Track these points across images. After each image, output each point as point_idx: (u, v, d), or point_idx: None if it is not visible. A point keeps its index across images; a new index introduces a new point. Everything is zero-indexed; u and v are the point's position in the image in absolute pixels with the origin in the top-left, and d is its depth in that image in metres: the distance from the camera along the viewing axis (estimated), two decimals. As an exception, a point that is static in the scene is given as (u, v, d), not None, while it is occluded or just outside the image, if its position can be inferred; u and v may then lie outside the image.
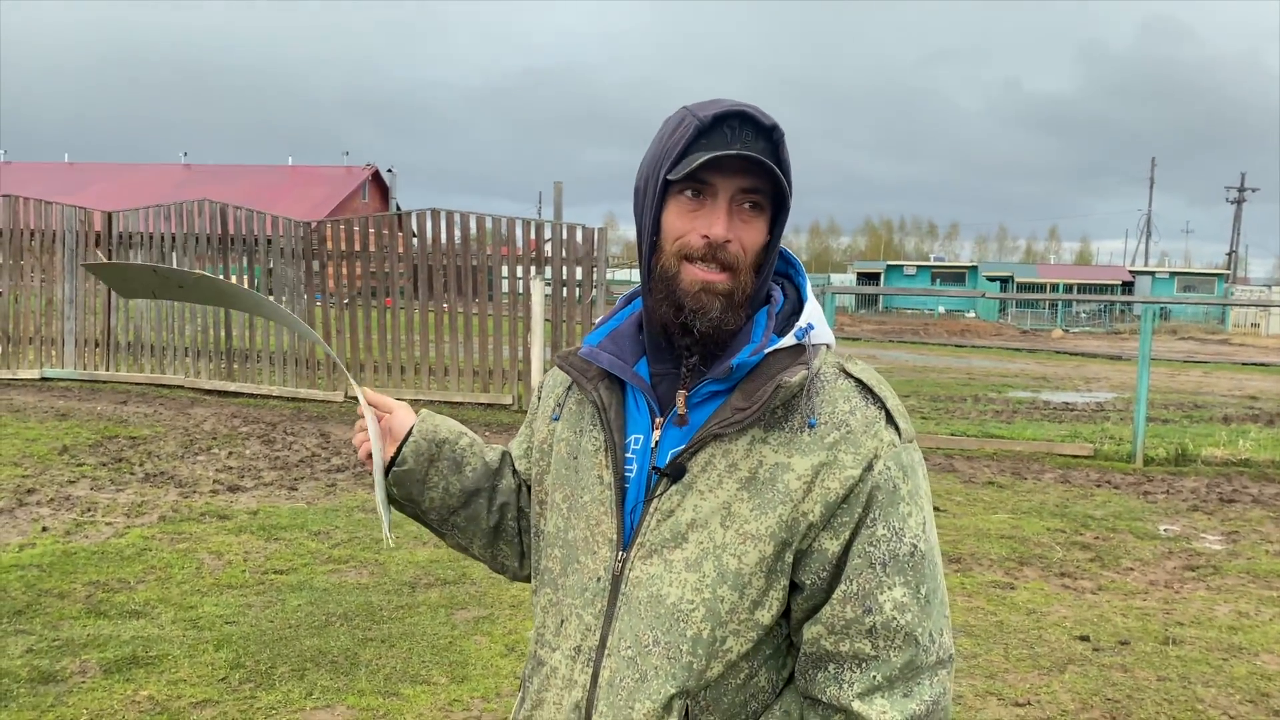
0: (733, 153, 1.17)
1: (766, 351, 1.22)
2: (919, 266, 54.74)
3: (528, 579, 1.49)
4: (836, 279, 56.07)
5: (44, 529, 5.98)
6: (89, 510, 6.45)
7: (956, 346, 28.44)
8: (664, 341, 1.27)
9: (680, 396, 1.24)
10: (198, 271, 1.44)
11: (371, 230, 11.85)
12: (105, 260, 1.42)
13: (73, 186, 39.55)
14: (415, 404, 11.22)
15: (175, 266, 1.43)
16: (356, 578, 5.30)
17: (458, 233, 11.46)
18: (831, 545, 1.18)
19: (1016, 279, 50.39)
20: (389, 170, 46.09)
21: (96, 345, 12.39)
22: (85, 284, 12.43)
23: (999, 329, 37.50)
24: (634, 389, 1.30)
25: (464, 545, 1.53)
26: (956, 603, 5.16)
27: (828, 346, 1.29)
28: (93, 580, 5.04)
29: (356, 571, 5.42)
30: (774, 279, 1.35)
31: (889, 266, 54.70)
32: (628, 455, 1.28)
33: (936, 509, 7.30)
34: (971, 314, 44.75)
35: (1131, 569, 5.90)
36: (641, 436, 1.28)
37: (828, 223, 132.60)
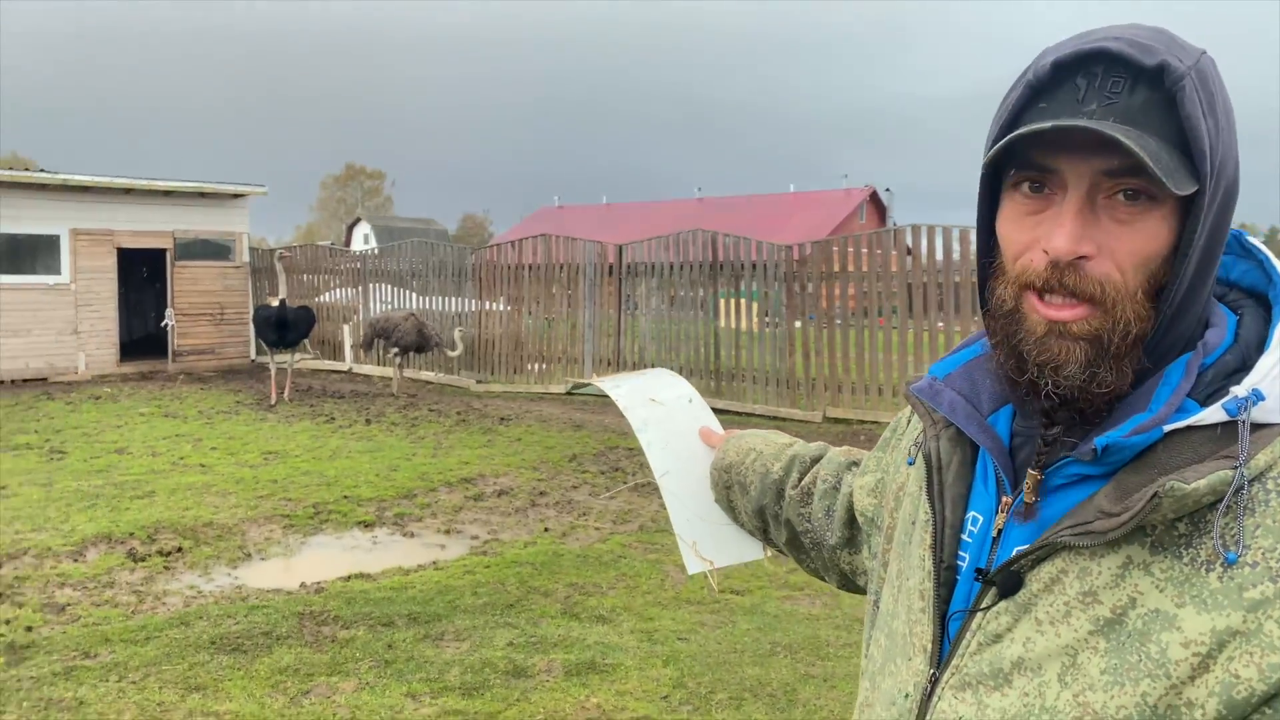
0: (1046, 125, 0.77)
1: (1167, 429, 0.79)
2: None
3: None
4: None
5: (546, 529, 6.70)
6: (584, 515, 7.11)
7: None
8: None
9: (1031, 479, 0.85)
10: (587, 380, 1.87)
11: (865, 250, 11.79)
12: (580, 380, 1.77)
13: (608, 225, 45.15)
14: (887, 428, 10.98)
15: (594, 378, 1.70)
16: (809, 607, 5.16)
17: (939, 247, 10.96)
18: None
19: None
20: (886, 190, 46.11)
21: (608, 364, 13.86)
22: (601, 309, 13.97)
23: None
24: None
25: (798, 563, 1.42)
26: None
27: None
28: (572, 582, 5.49)
29: (810, 601, 5.28)
30: (1233, 299, 0.89)
31: None
32: (964, 538, 0.92)
33: None
34: None
35: None
36: (982, 518, 0.91)
37: None
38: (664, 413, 1.54)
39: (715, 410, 1.61)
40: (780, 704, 3.97)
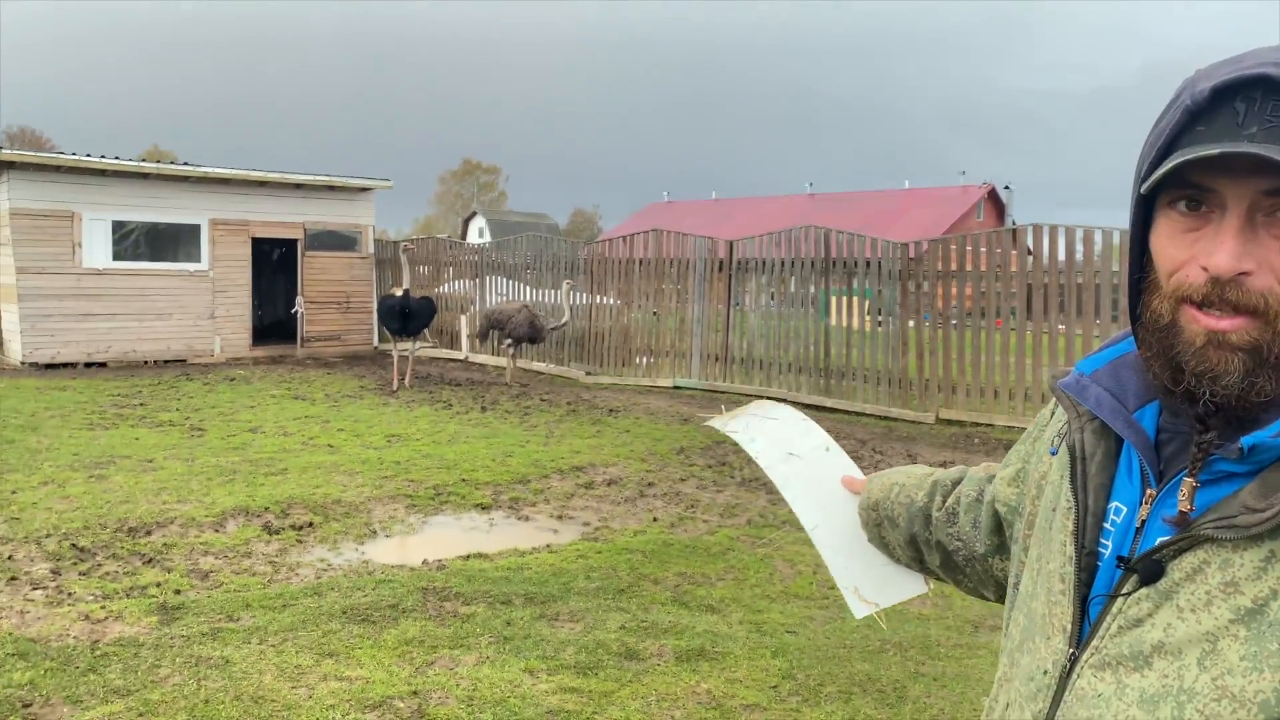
0: (1215, 151, 0.80)
1: None
2: None
3: None
4: None
5: (655, 519, 6.82)
6: (691, 507, 7.20)
7: None
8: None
9: (1186, 487, 0.89)
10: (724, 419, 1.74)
11: (983, 249, 11.57)
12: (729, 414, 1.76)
13: (717, 220, 45.10)
14: (1008, 430, 10.76)
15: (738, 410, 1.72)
16: (919, 607, 5.14)
17: (1061, 247, 10.66)
18: None
19: None
20: (1005, 187, 44.76)
21: (716, 359, 13.91)
22: (710, 305, 14.03)
23: None
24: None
25: (956, 585, 1.45)
26: None
27: None
28: (681, 571, 5.59)
29: (921, 602, 5.25)
30: None
31: None
32: (1106, 527, 0.97)
33: None
34: None
35: None
36: (1125, 508, 0.96)
37: None
38: (803, 465, 1.57)
39: (824, 409, 1.68)
40: (890, 700, 3.98)
